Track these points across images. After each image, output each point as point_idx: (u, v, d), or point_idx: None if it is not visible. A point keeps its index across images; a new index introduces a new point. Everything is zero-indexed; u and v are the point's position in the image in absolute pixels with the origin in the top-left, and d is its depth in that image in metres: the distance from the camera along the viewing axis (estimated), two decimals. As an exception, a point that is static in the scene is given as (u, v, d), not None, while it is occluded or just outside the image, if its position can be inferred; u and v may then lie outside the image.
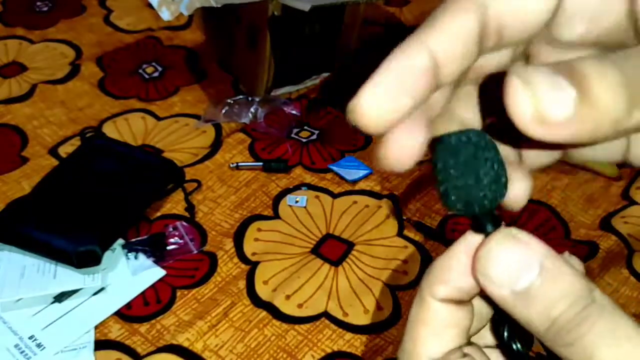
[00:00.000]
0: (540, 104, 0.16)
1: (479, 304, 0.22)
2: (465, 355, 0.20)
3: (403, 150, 0.20)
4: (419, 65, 0.19)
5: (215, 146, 0.81)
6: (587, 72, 0.17)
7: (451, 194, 0.19)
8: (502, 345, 0.22)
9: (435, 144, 0.19)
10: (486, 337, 0.23)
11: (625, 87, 0.16)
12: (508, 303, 0.18)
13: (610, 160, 0.23)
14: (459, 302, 0.20)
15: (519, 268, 0.18)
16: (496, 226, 0.19)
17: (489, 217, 0.19)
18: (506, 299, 0.18)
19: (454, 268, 0.20)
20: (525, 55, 0.22)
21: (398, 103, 0.19)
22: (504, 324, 0.21)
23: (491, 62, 0.22)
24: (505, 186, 0.19)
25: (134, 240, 0.68)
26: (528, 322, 0.18)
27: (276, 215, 0.73)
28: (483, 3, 0.19)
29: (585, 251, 0.69)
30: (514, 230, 0.19)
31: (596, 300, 0.18)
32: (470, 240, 0.20)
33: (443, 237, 0.71)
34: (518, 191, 0.22)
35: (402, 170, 0.20)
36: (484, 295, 0.20)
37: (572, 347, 0.17)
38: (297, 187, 0.76)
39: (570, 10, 0.20)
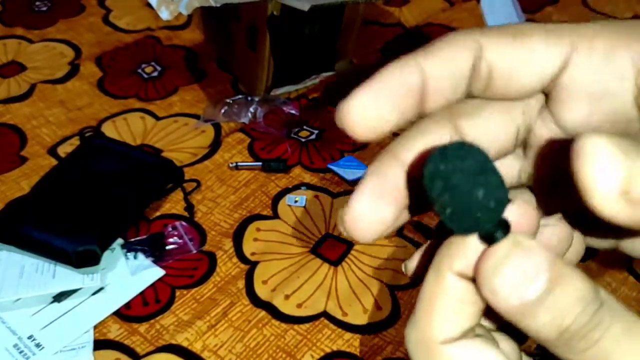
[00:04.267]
0: (634, 177, 0.15)
1: None
2: (477, 335, 0.20)
3: (369, 223, 0.21)
4: (409, 82, 0.20)
5: (215, 146, 0.81)
6: None
7: (450, 220, 0.18)
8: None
9: (422, 172, 0.18)
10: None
11: None
12: (515, 316, 0.18)
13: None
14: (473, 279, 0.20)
15: (526, 278, 0.17)
16: (505, 232, 0.18)
17: (496, 229, 0.18)
18: (514, 311, 0.17)
19: (471, 245, 0.19)
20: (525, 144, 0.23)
21: (383, 112, 0.20)
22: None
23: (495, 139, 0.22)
24: (505, 191, 0.18)
25: (133, 240, 0.68)
26: (537, 332, 0.17)
27: (275, 215, 0.73)
28: (482, 45, 0.20)
29: (585, 251, 0.69)
30: (518, 237, 0.18)
31: (605, 302, 0.17)
32: None
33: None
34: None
35: (365, 240, 0.21)
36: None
37: (585, 354, 0.17)
38: (296, 187, 0.76)
39: (573, 90, 0.20)
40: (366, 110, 0.20)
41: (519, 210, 0.19)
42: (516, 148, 0.22)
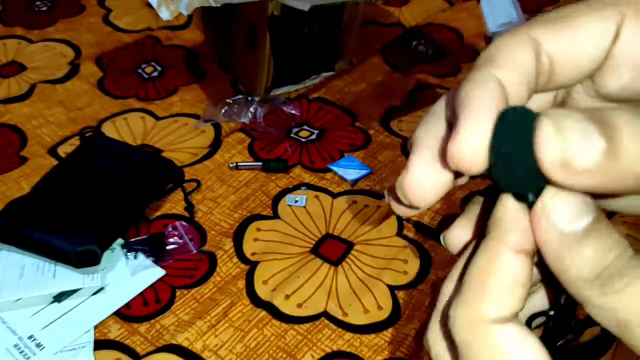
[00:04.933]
0: (568, 150, 0.17)
1: None
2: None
3: (429, 186, 0.20)
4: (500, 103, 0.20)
5: (215, 146, 0.81)
6: (618, 124, 0.17)
7: (496, 169, 0.19)
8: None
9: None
10: None
11: None
12: (563, 245, 0.18)
13: (636, 214, 0.23)
14: (530, 255, 0.20)
15: (577, 211, 0.18)
16: (538, 195, 0.19)
17: (533, 190, 0.19)
18: (562, 240, 0.18)
19: (516, 213, 0.19)
20: (563, 106, 0.23)
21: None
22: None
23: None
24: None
25: (133, 240, 0.68)
26: (579, 268, 0.18)
27: (276, 215, 0.73)
28: (536, 39, 0.20)
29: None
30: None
31: (636, 255, 0.18)
32: None
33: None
34: None
35: (422, 206, 0.21)
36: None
37: (622, 293, 0.17)
38: (296, 187, 0.76)
39: (619, 58, 0.20)
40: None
41: None
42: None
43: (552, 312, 0.22)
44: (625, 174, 0.17)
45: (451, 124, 0.20)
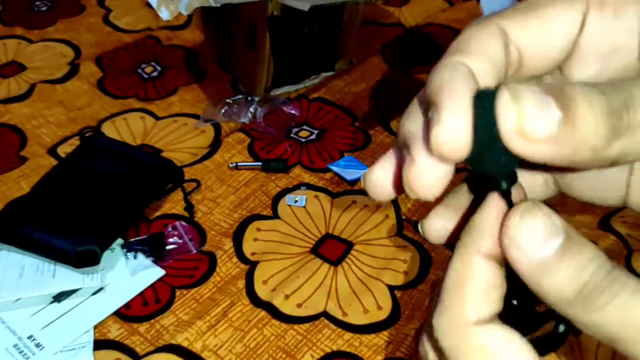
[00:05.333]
0: (525, 118, 0.17)
1: None
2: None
3: (434, 178, 0.20)
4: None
5: (215, 146, 0.81)
6: (574, 96, 0.17)
7: (479, 158, 0.19)
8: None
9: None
10: None
11: (608, 117, 0.17)
12: (536, 272, 0.18)
13: (610, 205, 0.23)
14: (499, 262, 0.20)
15: (546, 236, 0.18)
16: (512, 183, 0.19)
17: (504, 176, 0.19)
18: (534, 268, 0.18)
19: (490, 221, 0.20)
20: None
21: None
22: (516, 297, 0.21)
23: None
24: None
25: (133, 240, 0.68)
26: (556, 290, 0.18)
27: (275, 215, 0.73)
28: (505, 29, 0.20)
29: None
30: (536, 201, 0.19)
31: (615, 266, 0.18)
32: (495, 196, 0.20)
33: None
34: None
35: (429, 197, 0.21)
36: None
37: (604, 310, 0.17)
38: (296, 187, 0.76)
39: (586, 49, 0.20)
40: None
41: None
42: None
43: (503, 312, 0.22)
44: (582, 145, 0.17)
45: (427, 110, 0.20)
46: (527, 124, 0.17)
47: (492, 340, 0.19)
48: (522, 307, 0.21)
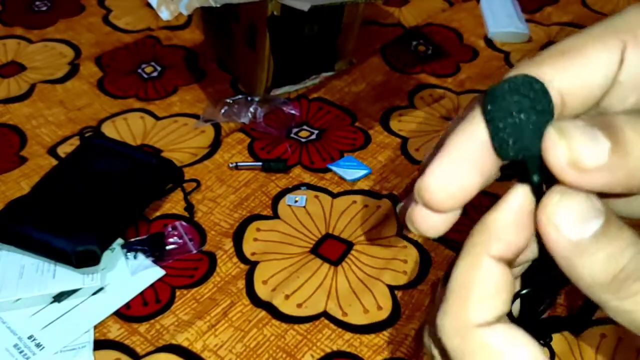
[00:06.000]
0: (576, 151, 0.17)
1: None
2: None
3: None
4: (485, 138, 0.20)
5: (215, 146, 0.81)
6: (621, 125, 0.17)
7: (500, 135, 0.19)
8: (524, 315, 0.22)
9: (485, 95, 0.19)
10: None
11: None
12: (573, 252, 0.18)
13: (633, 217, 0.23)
14: (509, 262, 0.20)
15: (585, 216, 0.18)
16: (542, 175, 0.19)
17: (535, 165, 0.19)
18: (572, 248, 0.18)
19: (509, 222, 0.19)
20: None
21: (465, 180, 0.20)
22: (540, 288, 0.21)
23: None
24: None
25: (133, 240, 0.68)
26: (591, 273, 0.18)
27: (275, 215, 0.73)
28: (545, 77, 0.20)
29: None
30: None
31: None
32: (517, 194, 0.20)
33: (442, 237, 0.71)
34: None
35: (445, 210, 0.21)
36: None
37: (636, 297, 0.17)
38: (296, 187, 0.76)
39: (625, 83, 0.20)
40: (447, 184, 0.20)
41: None
42: None
43: (528, 290, 0.22)
44: (634, 169, 0.17)
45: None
46: (579, 156, 0.17)
47: (498, 341, 0.19)
48: (537, 289, 0.21)
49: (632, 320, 0.18)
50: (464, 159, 0.20)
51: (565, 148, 0.17)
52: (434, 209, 0.20)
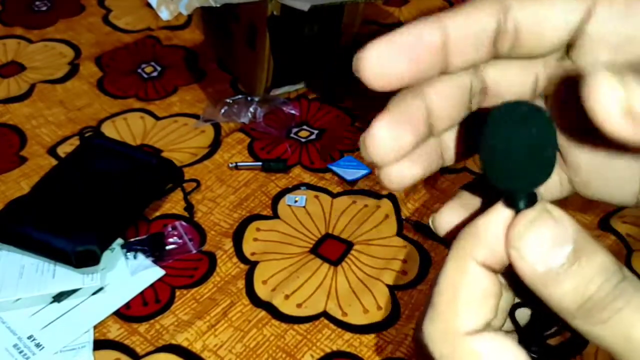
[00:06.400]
0: (634, 99, 0.16)
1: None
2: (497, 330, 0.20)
3: (388, 146, 0.21)
4: (429, 39, 0.20)
5: (214, 146, 0.81)
6: None
7: (490, 166, 0.19)
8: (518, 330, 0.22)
9: (488, 115, 0.19)
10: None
11: None
12: (539, 281, 0.18)
13: (624, 204, 0.23)
14: (495, 271, 0.20)
15: (553, 245, 0.18)
16: (530, 204, 0.19)
17: (524, 196, 0.19)
18: (538, 278, 0.18)
19: (492, 232, 0.19)
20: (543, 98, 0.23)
21: (400, 65, 0.20)
22: (528, 307, 0.21)
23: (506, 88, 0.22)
24: (549, 169, 0.18)
25: (133, 240, 0.68)
26: (559, 301, 0.18)
27: (275, 215, 0.73)
28: (506, 5, 0.20)
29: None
30: (548, 206, 0.18)
31: (627, 277, 0.18)
32: (503, 208, 0.19)
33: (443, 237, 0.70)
34: None
35: (384, 164, 0.21)
36: (507, 274, 0.20)
37: (606, 324, 0.17)
38: (296, 187, 0.76)
39: (595, 38, 0.20)
40: (382, 62, 0.20)
41: None
42: (535, 98, 0.23)
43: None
44: None
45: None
46: (637, 105, 0.16)
47: (485, 349, 0.19)
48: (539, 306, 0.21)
49: (606, 345, 0.18)
50: (404, 49, 0.20)
51: (623, 95, 0.16)
52: (369, 84, 0.21)
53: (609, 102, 0.16)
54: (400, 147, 0.21)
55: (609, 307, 0.17)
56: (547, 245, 0.18)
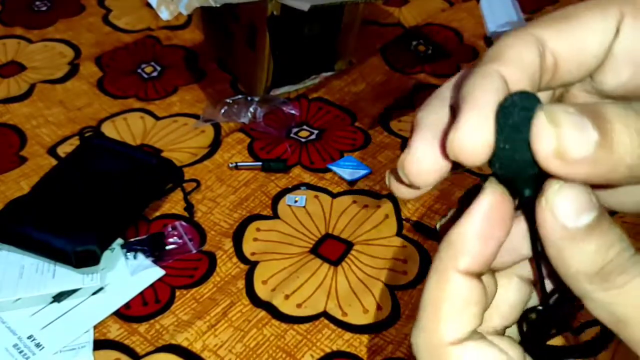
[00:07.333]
0: (563, 141, 0.17)
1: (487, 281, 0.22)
2: (482, 337, 0.20)
3: (430, 166, 0.20)
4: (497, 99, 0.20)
5: (214, 146, 0.81)
6: (610, 117, 0.17)
7: (494, 158, 0.19)
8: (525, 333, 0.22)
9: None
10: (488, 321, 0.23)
11: None
12: (567, 238, 0.18)
13: (629, 211, 0.23)
14: (478, 275, 0.20)
15: (583, 206, 0.18)
16: (536, 190, 0.19)
17: (528, 182, 0.19)
18: (566, 235, 0.18)
19: (473, 235, 0.19)
20: (561, 101, 0.23)
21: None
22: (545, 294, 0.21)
23: None
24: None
25: (133, 240, 0.68)
26: (580, 262, 0.18)
27: (275, 215, 0.73)
28: (540, 38, 0.20)
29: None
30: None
31: (638, 251, 0.18)
32: (484, 204, 0.20)
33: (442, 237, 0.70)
34: None
35: (422, 185, 0.21)
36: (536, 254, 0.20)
37: (622, 289, 0.18)
38: (296, 187, 0.76)
39: (619, 56, 0.20)
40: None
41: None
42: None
43: (540, 308, 0.22)
44: (619, 164, 0.17)
45: (454, 110, 0.21)
46: (565, 147, 0.17)
47: (468, 358, 0.19)
48: (547, 310, 0.21)
49: (612, 312, 0.18)
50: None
51: (553, 137, 0.17)
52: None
53: (541, 143, 0.18)
54: (442, 167, 0.21)
55: (627, 272, 0.18)
56: (577, 206, 0.18)
